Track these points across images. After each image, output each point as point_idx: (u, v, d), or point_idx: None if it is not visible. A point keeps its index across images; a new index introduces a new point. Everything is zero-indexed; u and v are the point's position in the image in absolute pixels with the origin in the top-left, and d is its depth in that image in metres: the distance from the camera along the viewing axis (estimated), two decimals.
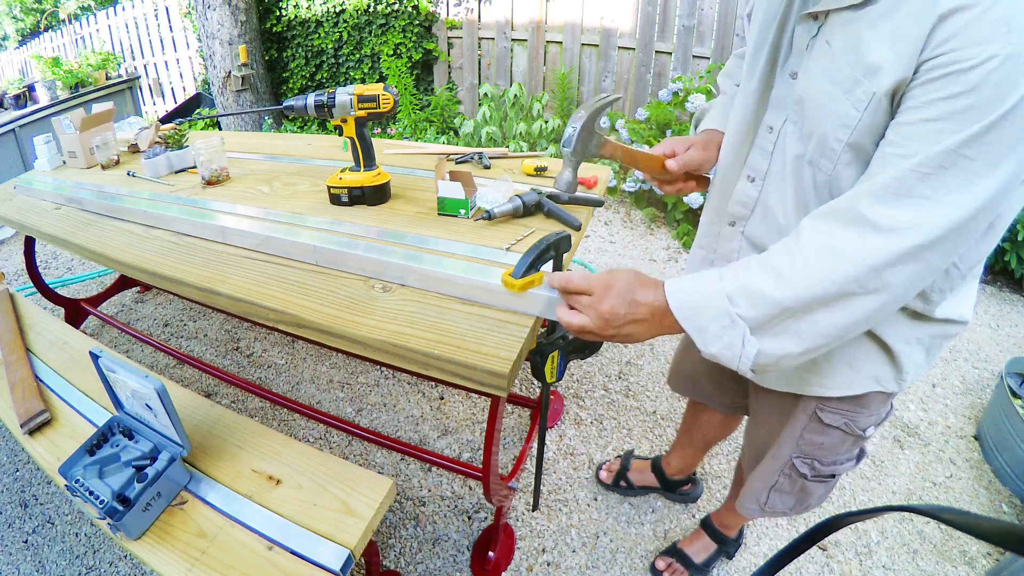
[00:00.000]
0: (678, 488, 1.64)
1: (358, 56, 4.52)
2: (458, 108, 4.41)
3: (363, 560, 1.28)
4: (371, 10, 4.27)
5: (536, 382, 2.11)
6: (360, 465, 1.17)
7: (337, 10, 4.40)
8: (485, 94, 3.81)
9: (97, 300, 2.51)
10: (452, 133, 4.23)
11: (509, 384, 0.88)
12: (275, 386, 2.13)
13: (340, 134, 1.42)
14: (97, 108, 1.98)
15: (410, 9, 4.17)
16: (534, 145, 3.58)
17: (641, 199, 3.31)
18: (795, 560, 0.75)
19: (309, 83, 4.81)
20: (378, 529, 1.58)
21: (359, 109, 1.33)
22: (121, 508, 0.94)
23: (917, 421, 1.95)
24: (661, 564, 1.45)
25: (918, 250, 0.58)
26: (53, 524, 1.65)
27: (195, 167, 1.79)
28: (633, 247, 3.10)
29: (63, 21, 6.62)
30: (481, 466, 1.27)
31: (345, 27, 4.42)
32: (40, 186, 1.75)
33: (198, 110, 5.11)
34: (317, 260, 1.20)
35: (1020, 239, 2.54)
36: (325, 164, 1.78)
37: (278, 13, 4.62)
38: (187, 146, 1.84)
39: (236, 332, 2.45)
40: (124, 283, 2.64)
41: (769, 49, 0.78)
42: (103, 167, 1.90)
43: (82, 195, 1.60)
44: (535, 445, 1.79)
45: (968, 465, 1.80)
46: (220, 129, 4.71)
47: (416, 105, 4.36)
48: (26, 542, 1.61)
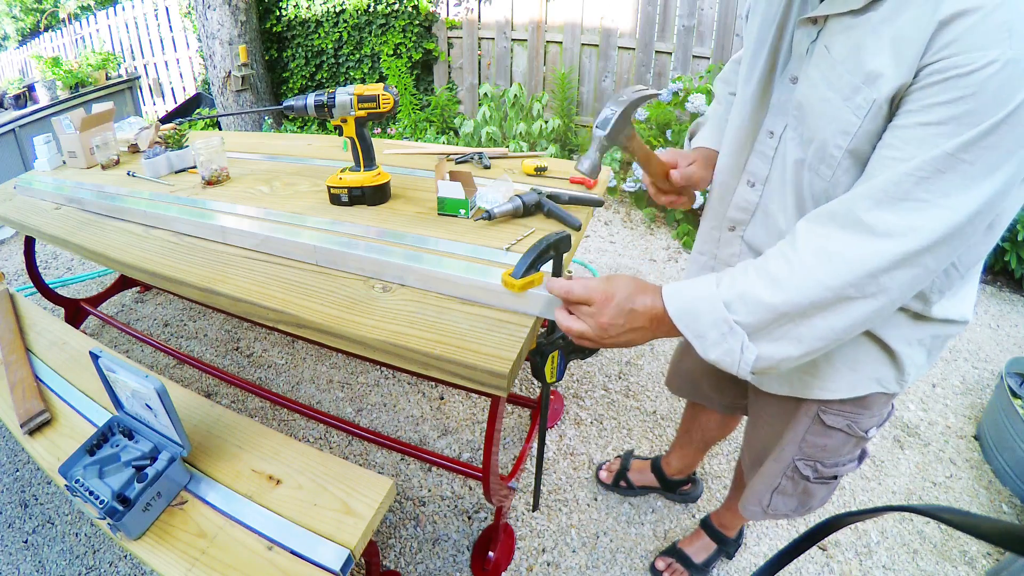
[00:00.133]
0: (678, 488, 1.64)
1: (358, 56, 4.52)
2: (458, 108, 4.41)
3: (363, 560, 1.28)
4: (371, 10, 4.27)
5: (536, 382, 2.11)
6: (360, 465, 1.17)
7: (337, 10, 4.40)
8: (485, 94, 3.81)
9: (97, 300, 2.51)
10: (452, 133, 4.23)
11: (509, 384, 0.88)
12: (275, 386, 2.13)
13: (340, 134, 1.43)
14: (97, 108, 1.98)
15: (410, 9, 4.17)
16: (534, 145, 3.58)
17: (641, 199, 3.31)
18: (795, 560, 0.75)
19: (309, 83, 4.81)
20: (378, 529, 1.58)
21: (359, 109, 1.33)
22: (121, 508, 0.94)
23: (917, 421, 1.95)
24: (661, 564, 1.45)
25: (915, 254, 0.58)
26: (53, 524, 1.65)
27: (195, 167, 1.79)
28: (633, 247, 3.10)
29: (63, 21, 6.62)
30: (481, 466, 1.27)
31: (345, 27, 4.42)
32: (40, 186, 1.75)
33: (198, 110, 5.11)
34: (317, 260, 1.20)
35: (1020, 239, 2.54)
36: (325, 164, 1.78)
37: (278, 13, 4.62)
38: (187, 146, 1.84)
39: (236, 332, 2.45)
40: (124, 283, 2.64)
41: (768, 53, 0.78)
42: (103, 167, 1.90)
43: (82, 195, 1.61)
44: (535, 445, 1.79)
45: (968, 465, 1.80)
46: (220, 129, 4.72)
47: (416, 105, 4.36)
48: (26, 542, 1.61)
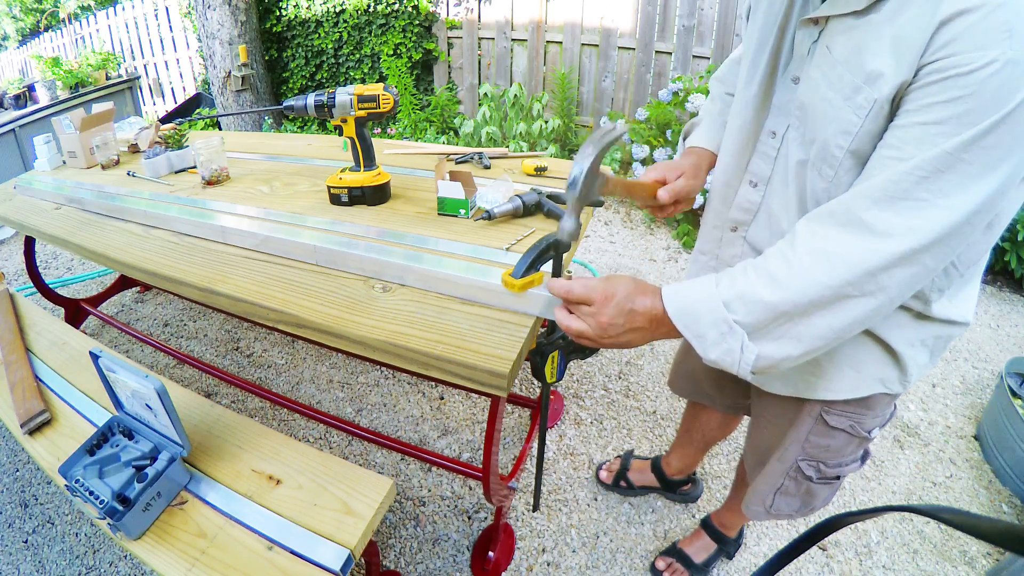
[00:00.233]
0: (678, 488, 1.64)
1: (358, 56, 4.52)
2: (458, 108, 4.41)
3: (363, 560, 1.28)
4: (371, 10, 4.27)
5: (536, 382, 2.11)
6: (360, 465, 1.17)
7: (337, 10, 4.40)
8: (485, 94, 3.81)
9: (97, 300, 2.51)
10: (452, 133, 4.23)
11: (509, 384, 0.88)
12: (275, 386, 2.13)
13: (340, 134, 1.43)
14: (97, 108, 1.98)
15: (410, 9, 4.17)
16: (534, 145, 3.58)
17: None
18: (795, 560, 0.75)
19: (309, 83, 4.81)
20: (378, 529, 1.58)
21: (359, 109, 1.33)
22: (121, 508, 0.94)
23: (917, 421, 1.95)
24: (661, 564, 1.45)
25: (914, 253, 0.58)
26: (53, 524, 1.65)
27: (195, 167, 1.79)
28: (633, 247, 3.10)
29: (63, 21, 6.62)
30: (481, 466, 1.27)
31: (345, 27, 4.42)
32: (40, 186, 1.75)
33: (198, 110, 5.11)
34: (317, 260, 1.20)
35: (1020, 239, 2.54)
36: (325, 164, 1.78)
37: (278, 13, 4.62)
38: (187, 146, 1.84)
39: (236, 332, 2.45)
40: (124, 283, 2.64)
41: (770, 53, 0.78)
42: (103, 167, 1.90)
43: (82, 195, 1.61)
44: (535, 445, 1.79)
45: (968, 465, 1.80)
46: (220, 129, 4.71)
47: (416, 105, 4.36)
48: (26, 542, 1.61)
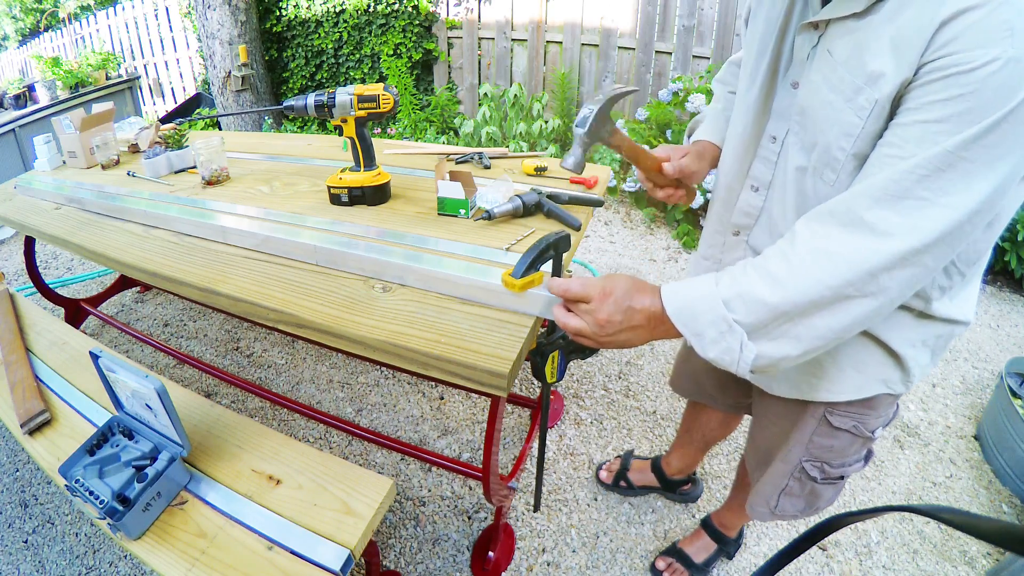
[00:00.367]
0: (678, 488, 1.64)
1: (358, 56, 4.52)
2: (458, 108, 4.41)
3: (363, 560, 1.28)
4: (371, 10, 4.27)
5: (536, 382, 2.11)
6: (360, 465, 1.17)
7: (337, 10, 4.40)
8: (485, 94, 3.81)
9: (97, 300, 2.51)
10: (452, 133, 4.23)
11: (509, 384, 0.88)
12: (275, 386, 2.13)
13: (340, 134, 1.42)
14: (97, 108, 1.98)
15: (410, 9, 4.17)
16: (534, 145, 3.58)
17: (641, 199, 3.31)
18: (795, 560, 0.75)
19: (309, 83, 4.81)
20: (378, 529, 1.58)
21: (359, 109, 1.33)
22: (121, 508, 0.94)
23: (917, 421, 1.95)
24: (661, 564, 1.45)
25: (915, 253, 0.57)
26: (53, 524, 1.65)
27: (195, 167, 1.79)
28: (633, 247, 3.10)
29: (63, 21, 6.62)
30: (481, 466, 1.27)
31: (345, 27, 4.42)
32: (40, 186, 1.75)
33: (198, 110, 5.11)
34: (317, 260, 1.20)
35: (1020, 239, 2.54)
36: (325, 164, 1.78)
37: (278, 13, 4.62)
38: (187, 146, 1.84)
39: (236, 332, 2.45)
40: (124, 283, 2.64)
41: (770, 58, 0.78)
42: (103, 167, 1.90)
43: (82, 195, 1.60)
44: (535, 445, 1.79)
45: (968, 465, 1.80)
46: (220, 129, 4.71)
47: (416, 105, 4.36)
48: (26, 542, 1.61)
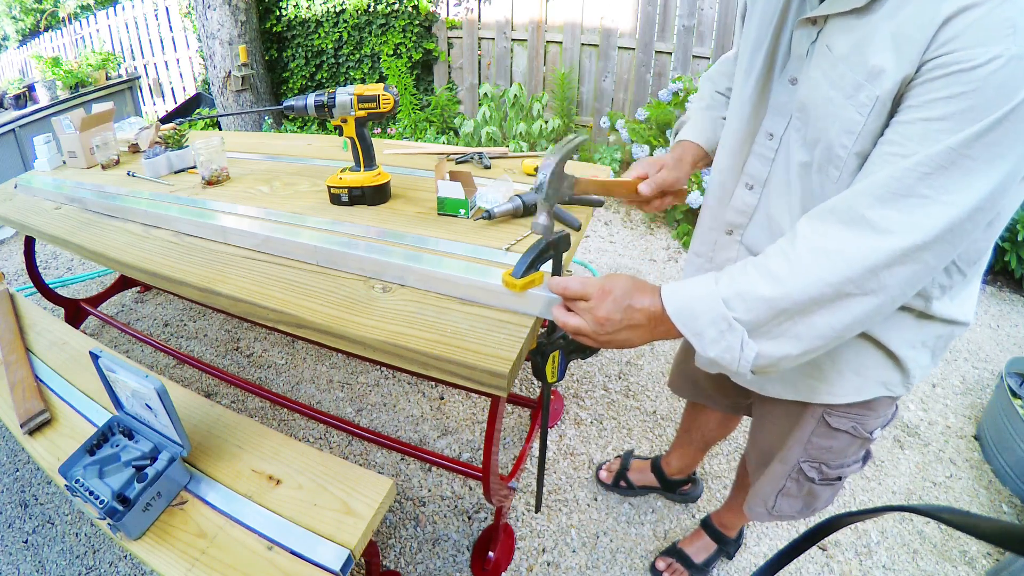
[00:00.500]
0: (678, 488, 1.64)
1: (358, 56, 4.52)
2: (458, 108, 4.41)
3: (363, 560, 1.28)
4: (371, 10, 4.27)
5: (536, 382, 2.11)
6: (360, 465, 1.17)
7: (337, 10, 4.40)
8: (485, 94, 3.81)
9: (97, 300, 2.51)
10: (452, 133, 4.23)
11: (509, 384, 0.88)
12: (275, 386, 2.13)
13: (340, 134, 1.43)
14: (97, 108, 1.98)
15: (410, 9, 4.17)
16: (534, 145, 3.58)
17: None
18: (795, 560, 0.75)
19: (309, 83, 4.81)
20: (378, 529, 1.58)
21: (359, 109, 1.33)
22: (121, 508, 0.94)
23: (917, 421, 1.95)
24: (661, 564, 1.45)
25: (916, 250, 0.57)
26: (53, 524, 1.65)
27: (195, 167, 1.79)
28: (633, 247, 3.10)
29: (63, 21, 6.62)
30: (481, 466, 1.27)
31: (345, 27, 4.42)
32: (40, 186, 1.75)
33: (198, 110, 5.11)
34: (317, 260, 1.20)
35: (1020, 239, 2.54)
36: (325, 164, 1.78)
37: (278, 13, 4.62)
38: (187, 146, 1.84)
39: (236, 332, 2.45)
40: (124, 283, 2.64)
41: (765, 54, 0.77)
42: (103, 167, 1.90)
43: (82, 195, 1.60)
44: (535, 445, 1.79)
45: (968, 465, 1.80)
46: (220, 129, 4.71)
47: (416, 105, 4.36)
48: (26, 542, 1.61)
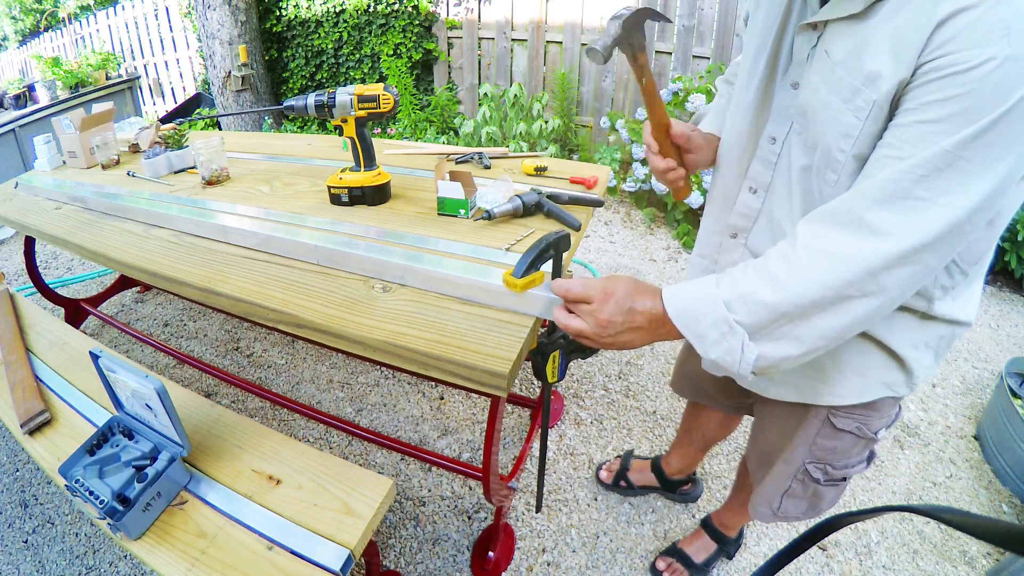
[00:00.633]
0: (678, 488, 1.64)
1: (358, 56, 4.52)
2: (458, 108, 4.41)
3: (363, 560, 1.28)
4: (371, 10, 4.27)
5: (536, 382, 2.11)
6: (360, 465, 1.17)
7: (337, 10, 4.40)
8: (485, 94, 3.80)
9: (97, 300, 2.51)
10: (452, 133, 4.23)
11: (509, 384, 0.88)
12: (275, 386, 2.13)
13: (340, 134, 1.43)
14: (97, 108, 1.98)
15: (410, 9, 4.17)
16: (534, 145, 3.58)
17: (641, 199, 3.31)
18: (795, 560, 0.75)
19: (309, 83, 4.81)
20: (378, 529, 1.58)
21: (359, 109, 1.33)
22: (121, 508, 0.94)
23: (917, 421, 1.95)
24: (661, 564, 1.45)
25: (915, 252, 0.58)
26: (53, 524, 1.65)
27: (195, 167, 1.79)
28: (633, 247, 3.09)
29: (63, 21, 6.62)
30: (481, 466, 1.27)
31: (345, 27, 4.42)
32: (40, 186, 1.75)
33: (198, 110, 5.11)
34: (317, 260, 1.20)
35: (1020, 239, 2.54)
36: (325, 164, 1.78)
37: (278, 13, 4.62)
38: (187, 146, 1.84)
39: (236, 332, 2.45)
40: (124, 283, 2.64)
41: (767, 59, 0.78)
42: (103, 167, 1.90)
43: (82, 195, 1.60)
44: (535, 445, 1.79)
45: (968, 465, 1.80)
46: (220, 129, 4.71)
47: (416, 105, 4.36)
48: (26, 542, 1.61)
